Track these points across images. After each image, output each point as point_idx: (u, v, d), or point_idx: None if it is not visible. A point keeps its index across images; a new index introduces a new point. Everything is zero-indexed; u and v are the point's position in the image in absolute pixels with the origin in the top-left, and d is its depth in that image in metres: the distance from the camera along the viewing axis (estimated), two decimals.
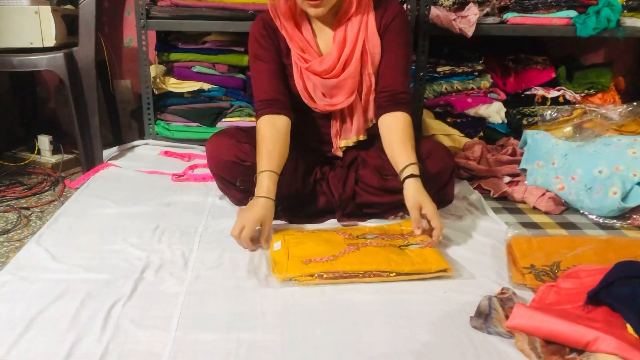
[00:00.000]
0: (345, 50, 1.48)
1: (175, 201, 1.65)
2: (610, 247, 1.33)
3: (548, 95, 2.25)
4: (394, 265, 1.21)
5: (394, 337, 1.02)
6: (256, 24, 1.55)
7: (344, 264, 1.21)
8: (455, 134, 2.19)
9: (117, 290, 1.14)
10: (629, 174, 1.59)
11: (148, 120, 2.25)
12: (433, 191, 1.52)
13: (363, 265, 1.21)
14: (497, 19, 2.12)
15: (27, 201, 1.76)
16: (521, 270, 1.23)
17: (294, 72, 1.52)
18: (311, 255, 1.24)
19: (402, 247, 1.30)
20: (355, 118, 1.55)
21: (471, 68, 2.27)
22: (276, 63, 1.53)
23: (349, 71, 1.49)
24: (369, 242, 1.32)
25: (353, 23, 1.49)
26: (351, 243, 1.30)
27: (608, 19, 2.05)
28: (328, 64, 1.48)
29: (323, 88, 1.51)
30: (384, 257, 1.24)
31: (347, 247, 1.28)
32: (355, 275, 1.19)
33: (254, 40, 1.54)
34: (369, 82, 1.53)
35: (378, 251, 1.27)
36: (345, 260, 1.22)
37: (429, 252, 1.28)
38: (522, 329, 0.98)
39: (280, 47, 1.53)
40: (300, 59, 1.50)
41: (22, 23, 1.90)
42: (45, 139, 2.16)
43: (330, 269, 1.19)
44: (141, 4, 2.07)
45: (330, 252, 1.25)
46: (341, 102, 1.51)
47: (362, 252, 1.26)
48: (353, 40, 1.49)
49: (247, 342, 0.99)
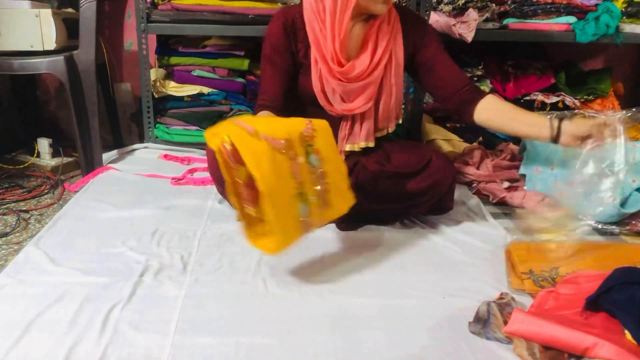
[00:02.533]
0: (375, 57, 1.49)
1: (174, 205, 1.65)
2: (609, 253, 1.33)
3: (547, 101, 2.25)
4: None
5: (392, 342, 1.02)
6: (276, 22, 1.51)
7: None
8: (454, 138, 2.20)
9: (115, 294, 1.14)
10: (627, 179, 1.59)
11: (148, 123, 2.25)
12: (433, 200, 1.53)
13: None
14: (497, 25, 2.13)
15: (26, 204, 1.76)
16: (520, 276, 1.23)
17: (312, 72, 1.50)
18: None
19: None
20: (365, 124, 1.55)
21: (471, 73, 2.27)
22: (287, 69, 1.51)
23: (374, 76, 1.49)
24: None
25: (383, 30, 1.49)
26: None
27: (607, 25, 2.06)
28: (360, 68, 1.48)
29: (343, 92, 1.49)
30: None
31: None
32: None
33: (270, 41, 1.51)
34: (389, 91, 1.53)
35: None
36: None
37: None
38: (521, 334, 0.98)
39: (297, 47, 1.51)
40: (323, 60, 1.47)
41: (23, 26, 1.90)
42: (45, 142, 2.16)
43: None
44: (142, 7, 2.07)
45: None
46: (359, 107, 1.51)
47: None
48: (383, 46, 1.49)
49: (246, 346, 0.99)
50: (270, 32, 1.52)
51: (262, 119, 1.18)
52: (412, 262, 1.34)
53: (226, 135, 1.07)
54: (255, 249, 1.36)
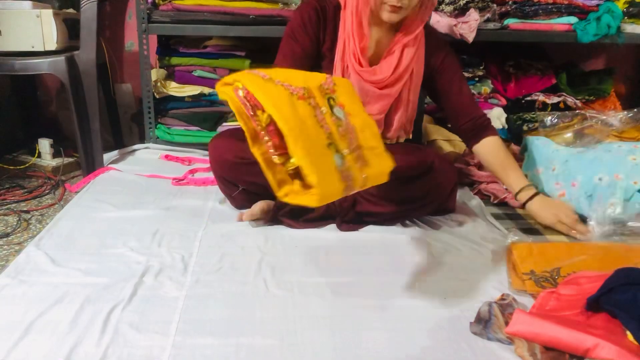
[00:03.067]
0: (399, 69, 1.49)
1: (175, 205, 1.65)
2: (610, 254, 1.33)
3: (549, 101, 2.25)
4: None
5: (393, 342, 1.01)
6: (308, 6, 1.50)
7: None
8: (455, 139, 2.19)
9: (116, 295, 1.14)
10: (629, 182, 1.59)
11: (149, 124, 2.25)
12: (435, 203, 1.52)
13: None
14: (498, 25, 2.13)
15: (27, 204, 1.76)
16: (521, 277, 1.23)
17: (336, 67, 1.49)
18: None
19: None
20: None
21: (472, 74, 2.27)
22: (306, 49, 1.48)
23: (394, 89, 1.50)
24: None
25: (409, 44, 1.48)
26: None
27: (608, 25, 2.06)
28: (380, 76, 1.48)
29: (361, 93, 1.47)
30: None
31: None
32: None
33: (300, 20, 1.49)
34: (406, 106, 1.54)
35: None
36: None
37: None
38: (522, 335, 0.98)
39: (324, 37, 1.50)
40: (353, 57, 1.46)
41: (24, 26, 1.90)
42: (46, 142, 2.16)
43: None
44: (143, 8, 2.07)
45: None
46: (371, 115, 1.49)
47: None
48: (408, 60, 1.49)
49: (247, 346, 0.99)
50: (301, 12, 1.50)
51: (277, 69, 1.08)
52: (413, 263, 1.34)
53: (238, 82, 0.99)
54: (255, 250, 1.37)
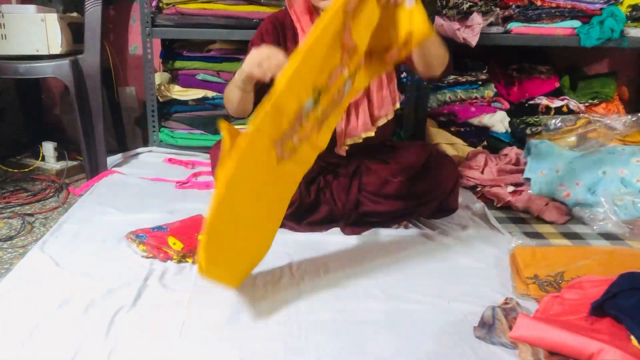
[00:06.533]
0: None
1: (178, 208, 1.65)
2: (614, 258, 1.33)
3: (552, 105, 2.25)
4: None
5: (397, 346, 1.01)
6: (267, 19, 1.60)
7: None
8: (459, 143, 2.19)
9: (120, 298, 1.14)
10: (632, 179, 1.59)
11: (152, 127, 2.25)
12: (437, 200, 1.52)
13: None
14: (501, 29, 2.13)
15: (31, 207, 1.76)
16: (525, 281, 1.23)
17: None
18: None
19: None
20: (360, 114, 1.53)
21: (475, 77, 2.27)
22: None
23: None
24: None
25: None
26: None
27: (612, 29, 2.05)
28: None
29: None
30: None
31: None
32: None
33: (259, 33, 1.58)
34: (378, 79, 1.52)
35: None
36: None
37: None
38: (526, 339, 0.98)
39: (285, 45, 1.54)
40: None
41: (29, 30, 1.91)
42: (50, 146, 2.16)
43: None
44: (147, 12, 2.08)
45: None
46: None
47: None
48: None
49: (250, 350, 0.99)
50: (260, 29, 1.59)
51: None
52: (417, 267, 1.34)
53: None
54: None
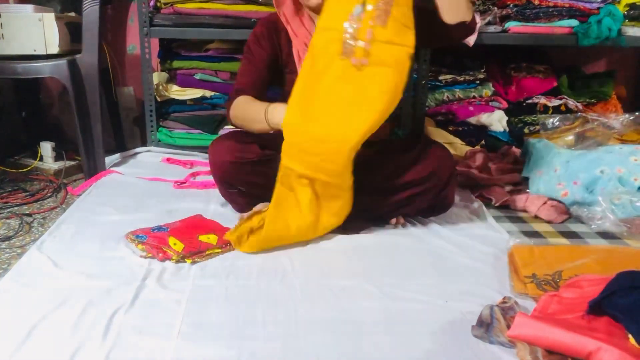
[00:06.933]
0: None
1: (177, 208, 1.65)
2: (612, 257, 1.33)
3: (550, 104, 2.25)
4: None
5: (395, 346, 1.01)
6: (261, 22, 1.64)
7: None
8: (457, 142, 2.20)
9: (118, 298, 1.14)
10: (630, 178, 1.60)
11: (150, 127, 2.25)
12: (432, 193, 1.52)
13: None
14: (499, 28, 2.13)
15: (29, 208, 1.76)
16: (523, 280, 1.23)
17: (297, 67, 1.54)
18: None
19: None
20: None
21: (473, 76, 2.28)
22: (266, 65, 1.58)
23: None
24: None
25: None
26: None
27: (609, 28, 2.06)
28: None
29: None
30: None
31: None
32: None
33: (254, 36, 1.61)
34: None
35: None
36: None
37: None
38: (524, 338, 0.98)
39: (280, 47, 1.58)
40: (304, 53, 1.51)
41: (26, 30, 1.91)
42: (48, 146, 2.16)
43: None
44: (144, 11, 2.08)
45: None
46: None
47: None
48: None
49: (249, 350, 0.99)
50: (255, 31, 1.62)
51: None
52: (415, 266, 1.34)
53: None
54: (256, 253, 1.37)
